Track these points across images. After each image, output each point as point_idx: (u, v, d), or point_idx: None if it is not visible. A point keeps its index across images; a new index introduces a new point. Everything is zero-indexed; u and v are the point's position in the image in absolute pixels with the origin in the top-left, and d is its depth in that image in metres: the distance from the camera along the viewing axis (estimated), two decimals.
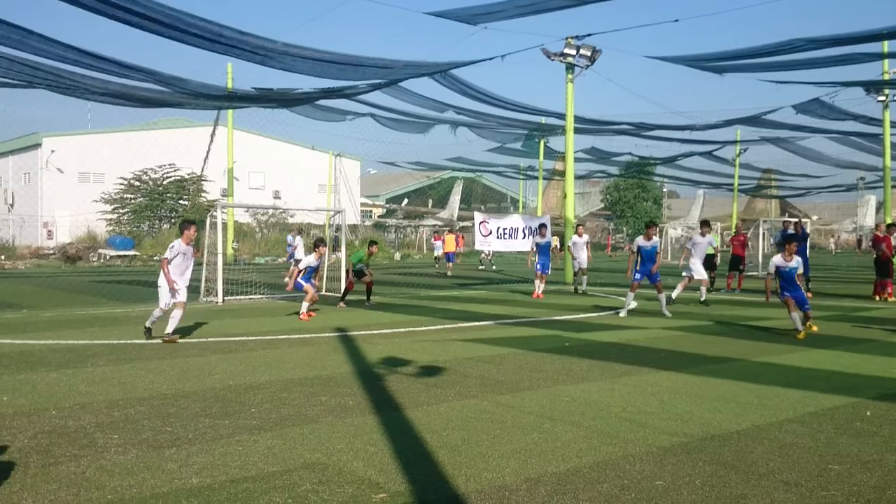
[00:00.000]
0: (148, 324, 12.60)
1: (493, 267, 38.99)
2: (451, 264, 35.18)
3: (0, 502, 4.98)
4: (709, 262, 21.38)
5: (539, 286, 21.74)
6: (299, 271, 17.02)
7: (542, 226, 24.28)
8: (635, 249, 17.02)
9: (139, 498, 5.09)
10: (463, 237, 42.09)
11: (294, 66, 16.81)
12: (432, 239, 44.22)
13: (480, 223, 27.57)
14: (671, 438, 6.56)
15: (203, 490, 5.24)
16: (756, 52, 20.57)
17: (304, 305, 16.57)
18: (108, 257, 44.62)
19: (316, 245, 17.04)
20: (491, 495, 5.16)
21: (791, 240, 13.89)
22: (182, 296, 12.48)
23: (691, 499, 5.10)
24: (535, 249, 22.50)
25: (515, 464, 5.84)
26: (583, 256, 23.08)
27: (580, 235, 23.41)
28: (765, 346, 12.22)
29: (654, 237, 17.03)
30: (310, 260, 16.96)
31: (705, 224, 20.92)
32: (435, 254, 40.62)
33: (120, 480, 5.43)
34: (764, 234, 34.82)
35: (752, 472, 5.64)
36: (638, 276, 16.74)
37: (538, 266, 21.82)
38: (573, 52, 26.50)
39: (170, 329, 12.33)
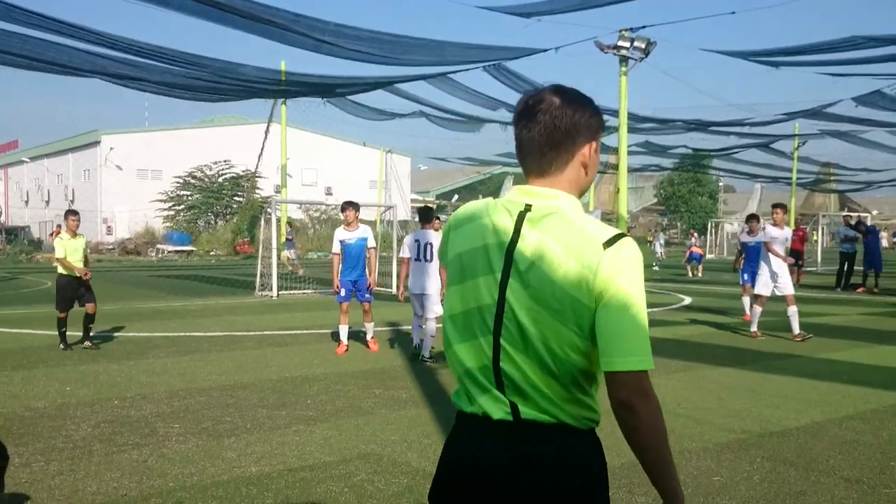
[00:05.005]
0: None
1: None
2: None
3: (65, 489, 5.13)
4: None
5: (750, 306, 13.69)
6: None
7: (752, 217, 14.84)
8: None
9: (199, 486, 5.20)
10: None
11: (344, 53, 16.92)
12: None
13: None
14: (729, 435, 6.48)
15: (262, 478, 5.34)
16: (815, 48, 20.11)
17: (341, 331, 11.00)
18: (165, 252, 45.65)
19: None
20: None
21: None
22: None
23: (749, 495, 5.03)
24: (741, 252, 15.22)
25: None
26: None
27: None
28: (825, 342, 11.97)
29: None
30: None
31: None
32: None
33: (181, 468, 5.55)
34: (823, 228, 34.09)
35: (812, 469, 5.54)
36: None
37: (745, 276, 14.60)
38: (627, 44, 26.20)
39: (795, 329, 12.11)
